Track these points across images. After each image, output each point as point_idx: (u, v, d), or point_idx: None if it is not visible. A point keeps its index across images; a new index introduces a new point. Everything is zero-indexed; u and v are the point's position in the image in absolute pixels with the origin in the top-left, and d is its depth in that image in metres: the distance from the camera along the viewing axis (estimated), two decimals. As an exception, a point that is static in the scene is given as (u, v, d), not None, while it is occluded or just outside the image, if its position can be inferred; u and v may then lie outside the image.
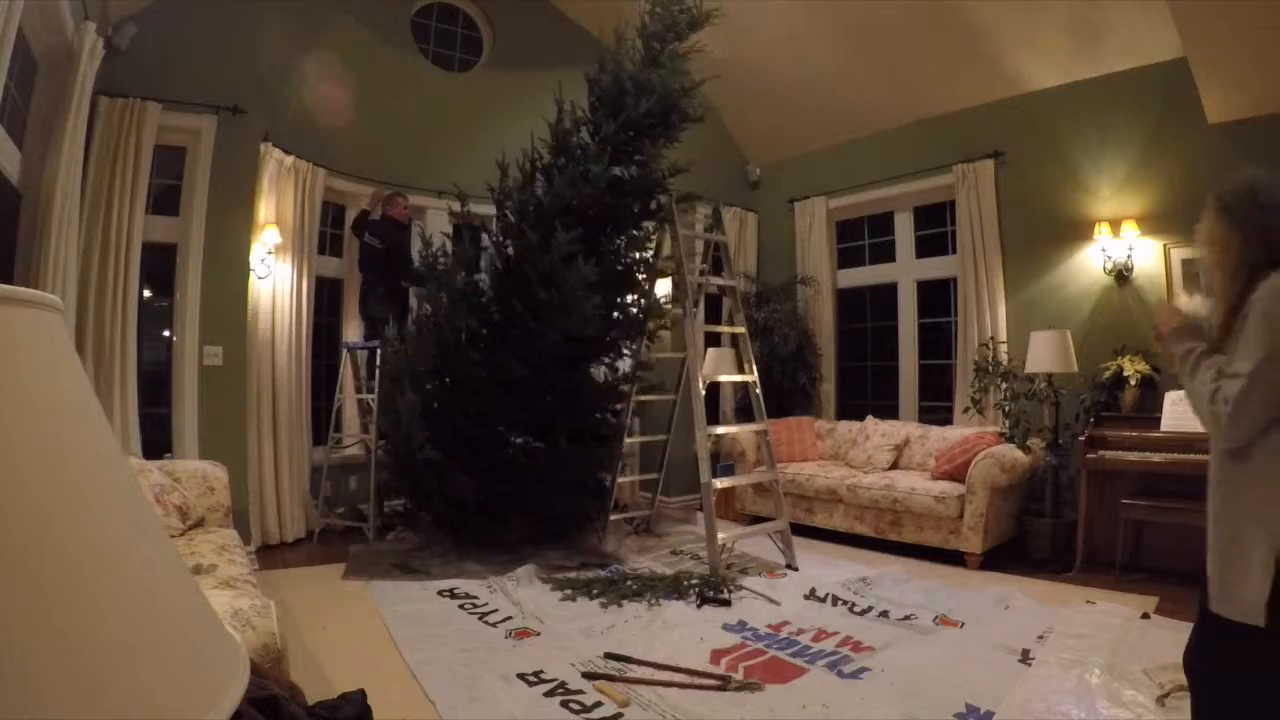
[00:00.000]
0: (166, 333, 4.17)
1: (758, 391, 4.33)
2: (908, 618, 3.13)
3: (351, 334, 5.09)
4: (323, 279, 4.92)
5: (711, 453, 4.23)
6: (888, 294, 5.76)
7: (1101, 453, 3.93)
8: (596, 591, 3.43)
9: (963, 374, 4.98)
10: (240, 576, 2.21)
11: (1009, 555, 4.16)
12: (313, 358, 4.74)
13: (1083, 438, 4.04)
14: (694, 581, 3.55)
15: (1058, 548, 4.06)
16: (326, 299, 5.05)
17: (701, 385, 3.99)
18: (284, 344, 4.44)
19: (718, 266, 4.79)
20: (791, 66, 5.40)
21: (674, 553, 4.32)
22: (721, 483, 4.10)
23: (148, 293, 4.18)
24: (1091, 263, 4.49)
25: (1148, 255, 4.29)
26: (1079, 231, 4.54)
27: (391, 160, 5.04)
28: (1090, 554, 3.93)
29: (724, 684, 2.45)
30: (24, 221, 3.20)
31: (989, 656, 2.67)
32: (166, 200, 4.07)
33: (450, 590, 3.51)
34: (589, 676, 2.51)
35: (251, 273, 4.26)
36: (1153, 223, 4.25)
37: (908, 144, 5.45)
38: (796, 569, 3.91)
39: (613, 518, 4.54)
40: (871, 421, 5.22)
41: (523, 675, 2.52)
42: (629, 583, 3.55)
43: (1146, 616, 3.07)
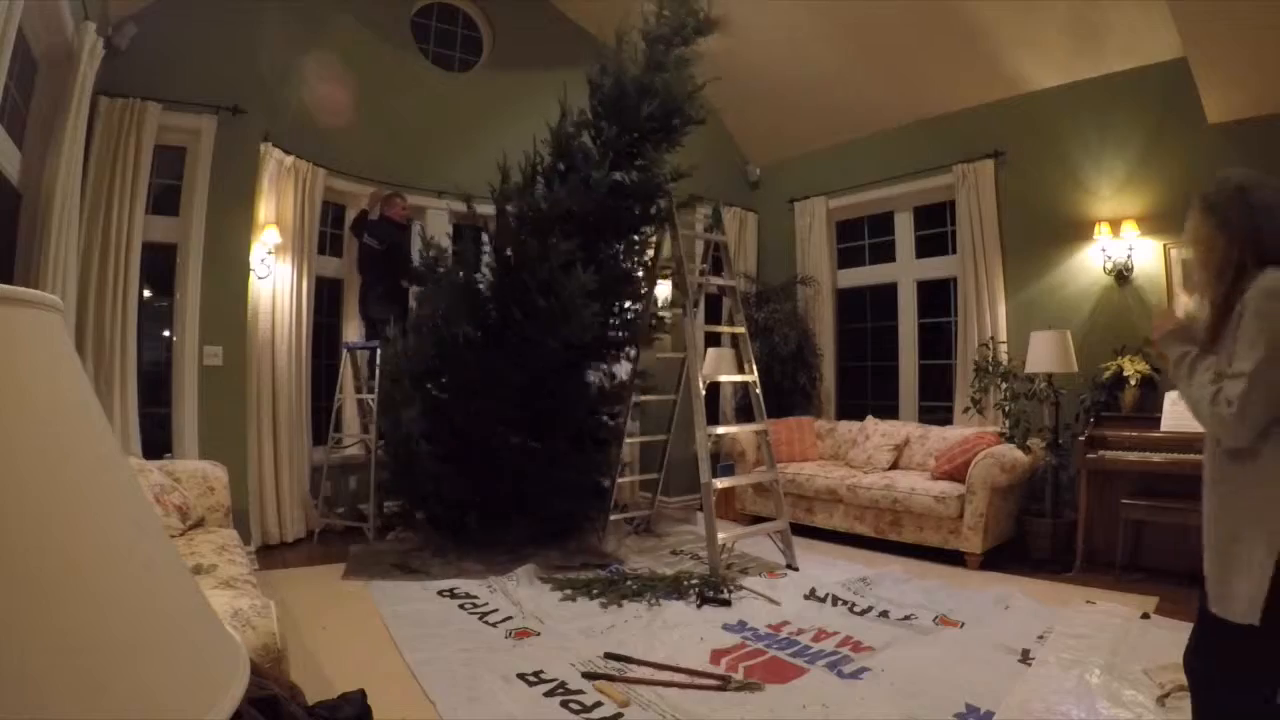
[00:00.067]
0: (166, 333, 4.17)
1: (758, 391, 4.33)
2: (908, 618, 3.13)
3: (351, 334, 5.09)
4: (323, 279, 4.92)
5: (711, 453, 4.22)
6: (888, 294, 5.76)
7: (1101, 453, 3.93)
8: (596, 591, 3.43)
9: (963, 374, 4.98)
10: (240, 576, 2.21)
11: (1009, 555, 4.16)
12: (313, 358, 4.74)
13: (1083, 438, 4.04)
14: (694, 581, 3.55)
15: (1058, 548, 4.06)
16: (326, 299, 5.05)
17: (701, 385, 3.99)
18: (284, 344, 4.44)
19: (718, 266, 4.79)
20: (791, 66, 5.40)
21: (674, 553, 4.32)
22: (721, 483, 4.10)
23: (148, 293, 4.18)
24: (1091, 263, 4.49)
25: (1148, 255, 4.29)
26: (1079, 231, 4.54)
27: (391, 160, 5.04)
28: (1090, 554, 3.93)
29: (724, 684, 2.45)
30: (24, 221, 3.20)
31: (989, 656, 2.67)
32: (166, 200, 4.07)
33: (450, 590, 3.51)
34: (589, 676, 2.51)
35: (251, 273, 4.26)
36: (1153, 223, 4.25)
37: (908, 144, 5.45)
38: (796, 569, 3.91)
39: (613, 518, 4.53)
40: (871, 421, 5.22)
41: (523, 675, 2.52)
42: (629, 583, 3.55)
43: (1146, 616, 3.07)
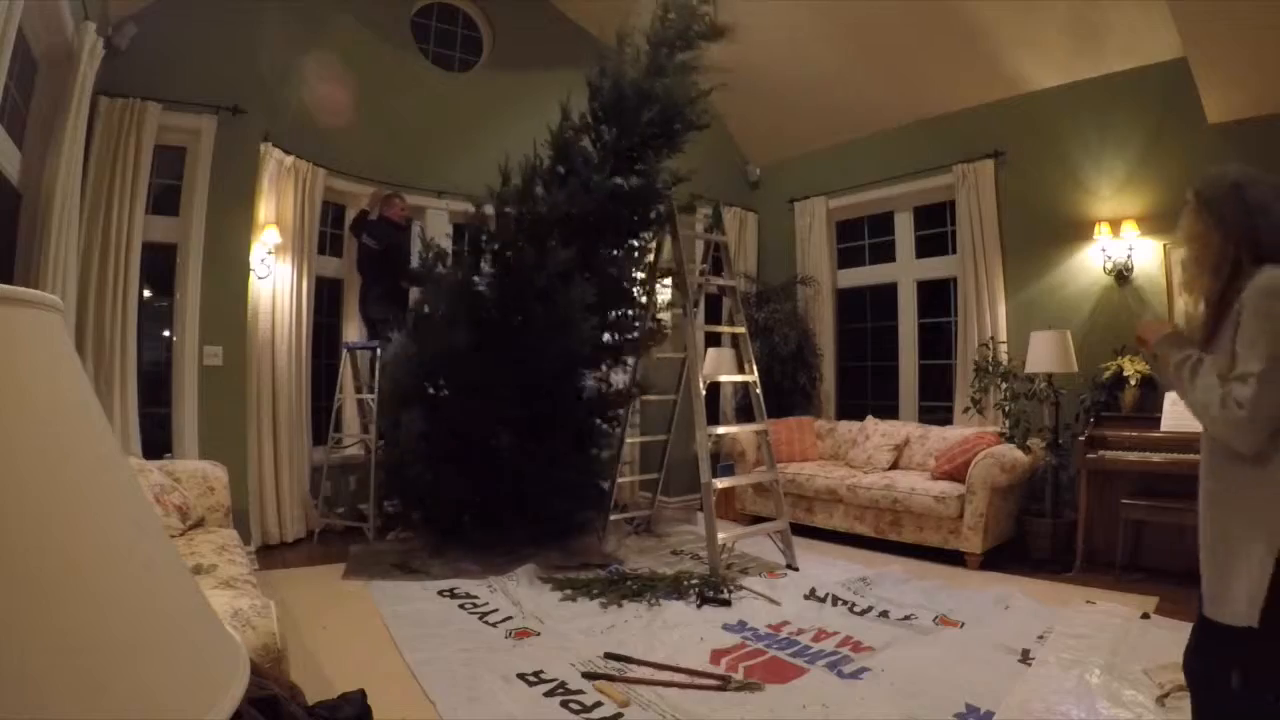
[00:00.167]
0: (166, 333, 4.17)
1: (758, 391, 4.33)
2: (908, 618, 3.13)
3: (351, 334, 5.08)
4: (323, 279, 4.92)
5: (711, 453, 4.22)
6: (888, 294, 5.76)
7: (1101, 453, 3.93)
8: (596, 591, 3.43)
9: (963, 374, 4.98)
10: (240, 576, 2.21)
11: (1009, 555, 4.16)
12: (313, 358, 4.74)
13: (1083, 438, 4.04)
14: (694, 581, 3.55)
15: (1058, 548, 4.06)
16: (326, 299, 5.05)
17: (701, 385, 3.99)
18: (284, 344, 4.44)
19: (718, 266, 4.79)
20: (791, 66, 5.40)
21: (674, 553, 4.32)
22: (721, 483, 4.10)
23: (148, 293, 4.18)
24: (1091, 263, 4.49)
25: (1148, 255, 4.29)
26: (1079, 231, 4.54)
27: (391, 160, 5.04)
28: (1090, 554, 3.93)
29: (724, 684, 2.45)
30: (24, 221, 3.20)
31: (989, 656, 2.67)
32: (166, 200, 4.07)
33: (450, 590, 3.51)
34: (589, 676, 2.51)
35: (251, 273, 4.26)
36: (1153, 223, 4.24)
37: (908, 144, 5.45)
38: (796, 569, 3.91)
39: (613, 518, 4.54)
40: (871, 421, 5.22)
41: (523, 675, 2.52)
42: (629, 583, 3.55)
43: (1146, 616, 3.07)
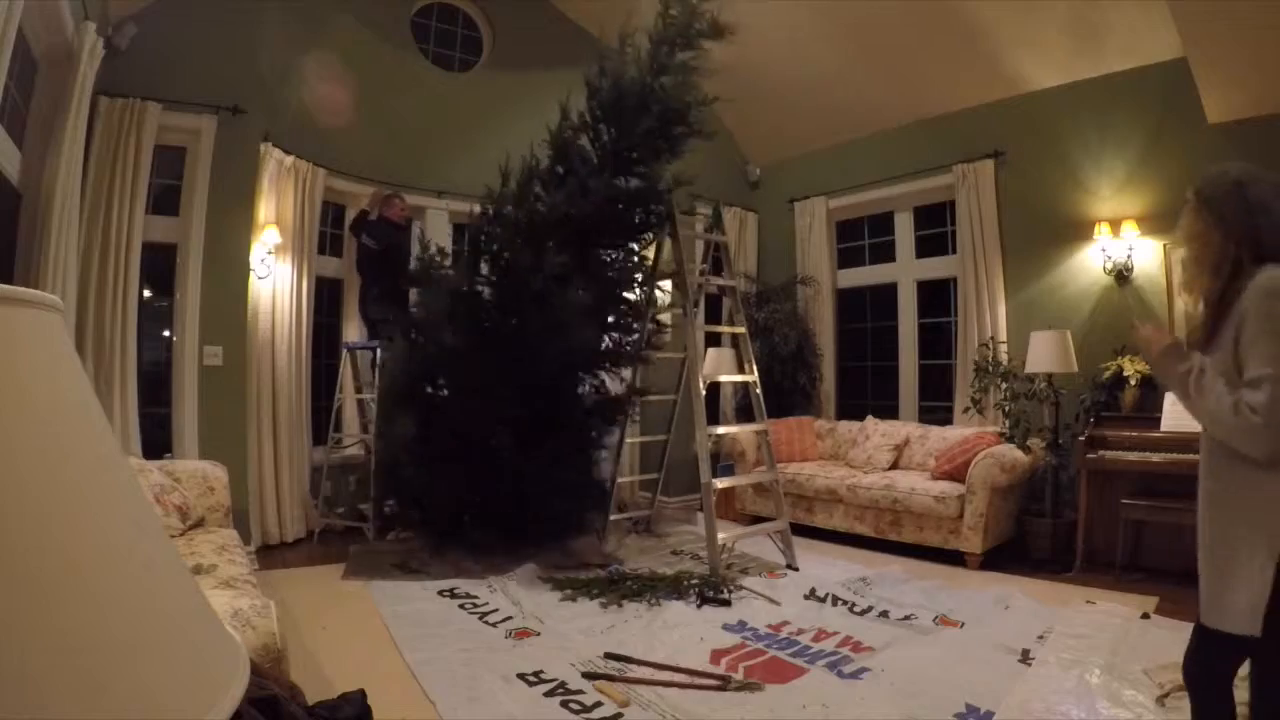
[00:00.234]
0: (166, 333, 4.17)
1: (758, 391, 4.33)
2: (908, 618, 3.13)
3: (352, 334, 5.08)
4: (323, 279, 4.92)
5: (711, 453, 4.22)
6: (888, 294, 5.76)
7: (1101, 453, 3.93)
8: (596, 591, 3.43)
9: (963, 374, 4.98)
10: (240, 576, 2.21)
11: (1009, 555, 4.16)
12: (313, 358, 4.74)
13: (1083, 438, 4.04)
14: (694, 581, 3.55)
15: (1058, 548, 4.06)
16: (326, 299, 5.05)
17: (701, 385, 3.99)
18: (284, 344, 4.44)
19: (718, 267, 4.79)
20: (791, 66, 5.40)
21: (674, 553, 4.32)
22: (721, 483, 4.10)
23: (148, 293, 4.18)
24: (1091, 263, 4.49)
25: (1148, 255, 4.29)
26: (1079, 231, 4.54)
27: (391, 160, 5.04)
28: (1090, 554, 3.93)
29: (724, 684, 2.45)
30: (24, 221, 3.20)
31: (989, 656, 2.67)
32: (166, 200, 4.07)
33: (450, 590, 3.51)
34: (589, 676, 2.51)
35: (251, 273, 4.26)
36: (1153, 223, 4.24)
37: (908, 144, 5.45)
38: (796, 569, 3.91)
39: (613, 518, 4.53)
40: (871, 421, 5.21)
41: (523, 675, 2.52)
42: (629, 583, 3.55)
43: (1146, 616, 3.07)
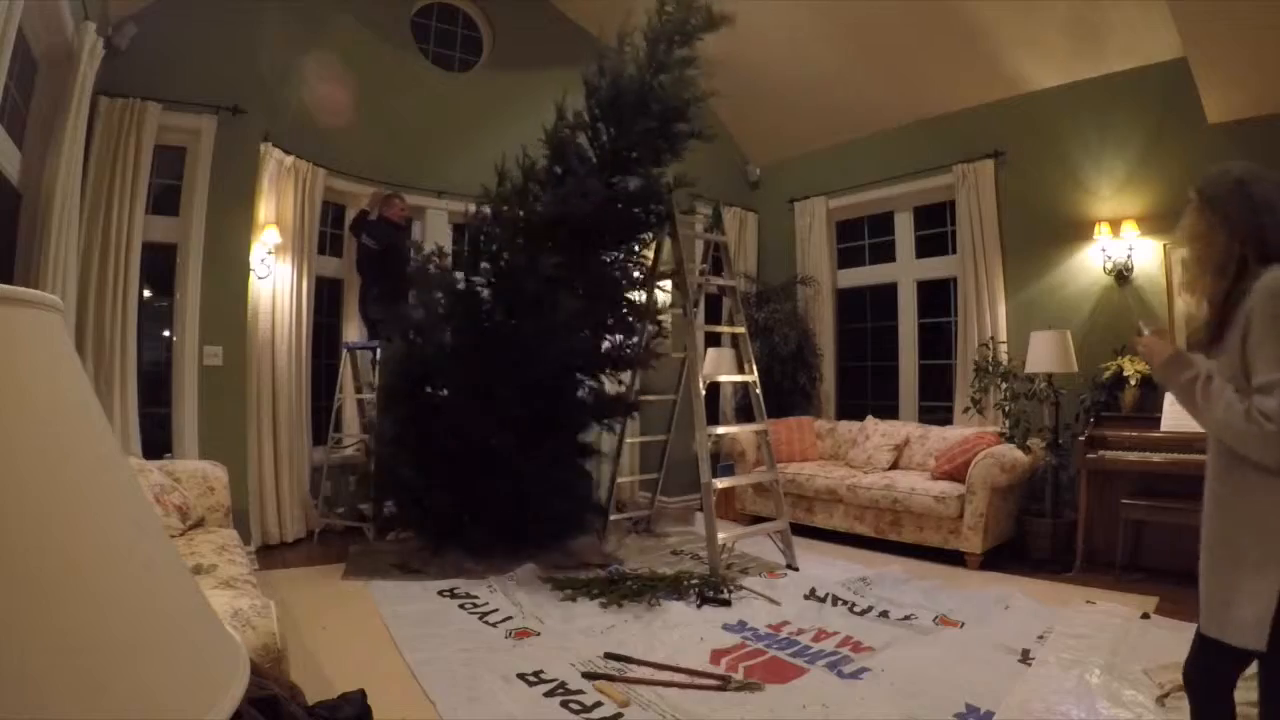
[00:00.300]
0: (166, 333, 4.17)
1: (758, 391, 4.33)
2: (908, 618, 3.13)
3: (352, 334, 5.08)
4: (323, 279, 4.92)
5: (711, 453, 4.22)
6: (888, 294, 5.76)
7: (1101, 453, 3.93)
8: (596, 591, 3.42)
9: (963, 374, 4.97)
10: (240, 576, 2.21)
11: (1009, 555, 4.16)
12: (313, 358, 4.74)
13: (1083, 438, 4.04)
14: (694, 581, 3.55)
15: (1058, 548, 4.06)
16: (326, 299, 5.05)
17: (701, 385, 3.99)
18: (284, 344, 4.44)
19: (718, 267, 4.79)
20: (791, 66, 5.40)
21: (674, 553, 4.32)
22: (721, 483, 4.10)
23: (148, 293, 4.18)
24: (1091, 263, 4.49)
25: (1148, 255, 4.29)
26: (1079, 231, 4.54)
27: (391, 160, 5.04)
28: (1090, 554, 3.93)
29: (724, 684, 2.45)
30: (24, 221, 3.20)
31: (989, 656, 2.67)
32: (166, 200, 4.07)
33: (450, 590, 3.51)
34: (589, 676, 2.51)
35: (251, 273, 4.26)
36: (1153, 223, 4.24)
37: (908, 144, 5.45)
38: (796, 569, 3.91)
39: (613, 518, 4.53)
40: (871, 421, 5.21)
41: (523, 675, 2.52)
42: (629, 583, 3.54)
43: (1146, 616, 3.07)
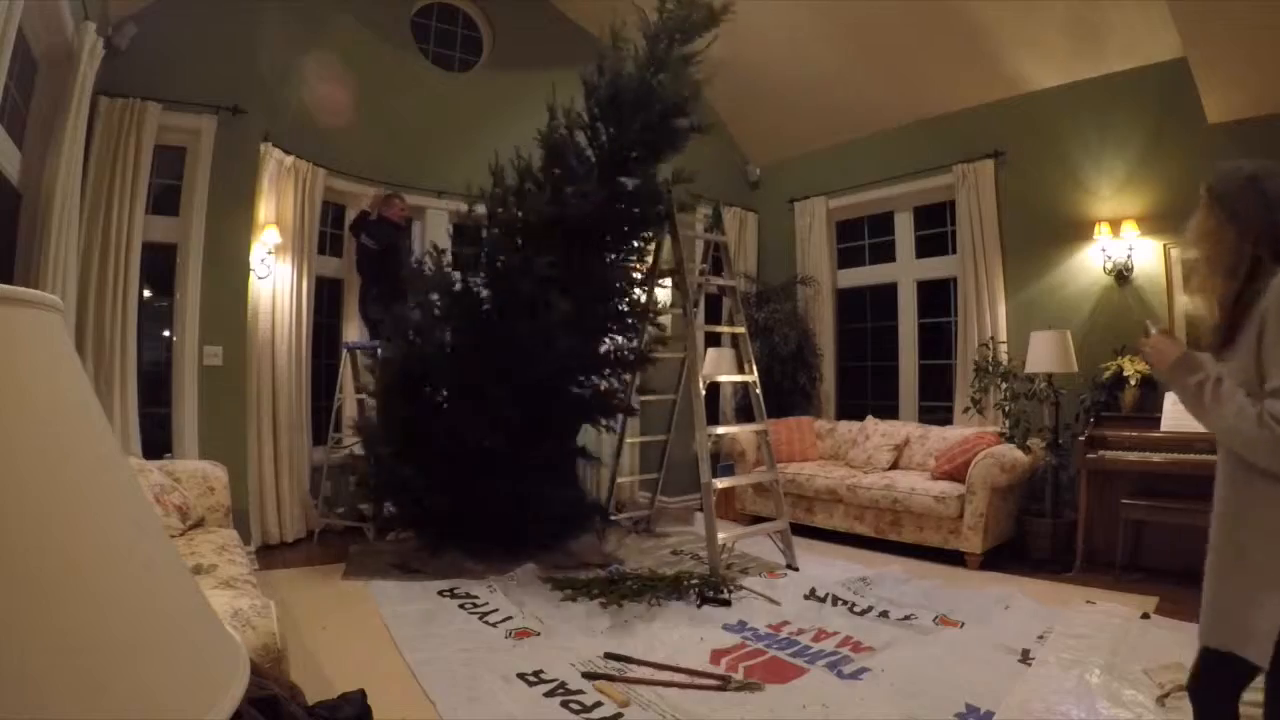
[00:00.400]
0: (166, 333, 4.17)
1: (758, 391, 4.33)
2: (908, 618, 3.13)
3: (352, 334, 5.08)
4: (323, 279, 4.92)
5: (711, 453, 4.22)
6: (888, 294, 5.76)
7: (1101, 453, 3.93)
8: (596, 591, 3.42)
9: (963, 374, 4.97)
10: (240, 576, 2.21)
11: (1009, 555, 4.16)
12: (313, 358, 4.74)
13: (1083, 438, 4.04)
14: (694, 581, 3.55)
15: (1058, 548, 4.06)
16: (326, 299, 5.05)
17: (701, 385, 3.99)
18: (284, 344, 4.44)
19: (718, 267, 4.79)
20: (791, 66, 5.40)
21: (674, 553, 4.32)
22: (721, 483, 4.10)
23: (148, 293, 4.18)
24: (1091, 263, 4.49)
25: (1148, 255, 4.29)
26: (1079, 231, 4.54)
27: (391, 160, 5.04)
28: (1090, 554, 3.93)
29: (724, 684, 2.45)
30: (24, 221, 3.20)
31: (989, 656, 2.67)
32: (166, 200, 4.07)
33: (450, 590, 3.51)
34: (589, 676, 2.51)
35: (251, 273, 4.26)
36: (1153, 223, 4.24)
37: (908, 144, 5.45)
38: (796, 569, 3.91)
39: (613, 518, 4.53)
40: (871, 421, 5.21)
41: (523, 675, 2.52)
42: (629, 583, 3.54)
43: (1146, 616, 3.07)
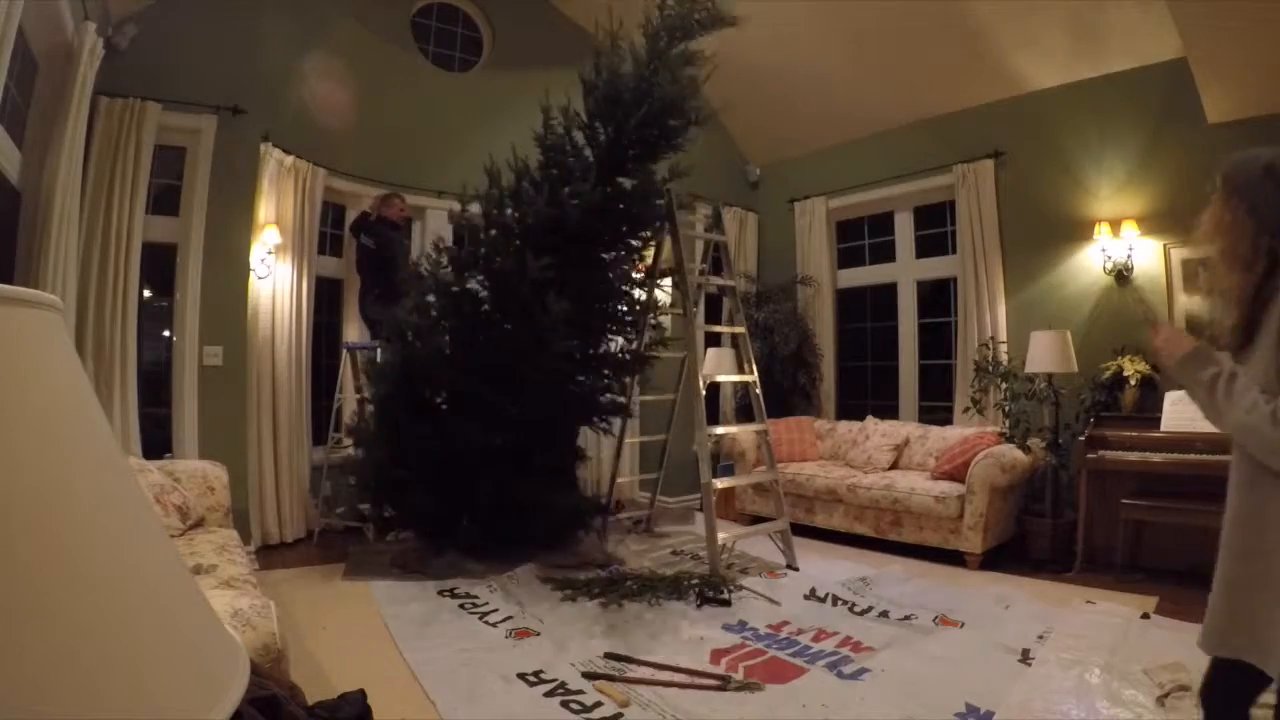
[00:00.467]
0: (166, 333, 4.17)
1: (758, 391, 4.33)
2: (908, 618, 3.13)
3: (352, 334, 5.08)
4: (323, 279, 4.92)
5: (711, 453, 4.22)
6: (888, 294, 5.76)
7: (1101, 453, 3.93)
8: (596, 591, 3.42)
9: (963, 374, 4.98)
10: (240, 576, 2.21)
11: (1009, 555, 4.16)
12: (313, 358, 4.74)
13: (1083, 438, 4.04)
14: (694, 581, 3.55)
15: (1058, 548, 4.06)
16: (326, 299, 5.04)
17: (701, 385, 3.99)
18: (284, 344, 4.44)
19: (718, 267, 4.79)
20: (791, 66, 5.40)
21: (674, 553, 4.32)
22: (721, 483, 4.10)
23: (148, 293, 4.18)
24: (1091, 263, 4.49)
25: (1148, 255, 4.29)
26: (1079, 231, 4.54)
27: (391, 160, 5.03)
28: (1090, 554, 3.93)
29: (724, 684, 2.45)
30: (24, 221, 3.20)
31: (989, 656, 2.67)
32: (166, 200, 4.07)
33: (450, 590, 3.51)
34: (589, 676, 2.51)
35: (251, 273, 4.26)
36: (1153, 223, 4.25)
37: (908, 144, 5.45)
38: (797, 569, 3.91)
39: (613, 518, 4.53)
40: (871, 421, 5.22)
41: (523, 675, 2.52)
42: (629, 583, 3.54)
43: (1146, 616, 3.07)
